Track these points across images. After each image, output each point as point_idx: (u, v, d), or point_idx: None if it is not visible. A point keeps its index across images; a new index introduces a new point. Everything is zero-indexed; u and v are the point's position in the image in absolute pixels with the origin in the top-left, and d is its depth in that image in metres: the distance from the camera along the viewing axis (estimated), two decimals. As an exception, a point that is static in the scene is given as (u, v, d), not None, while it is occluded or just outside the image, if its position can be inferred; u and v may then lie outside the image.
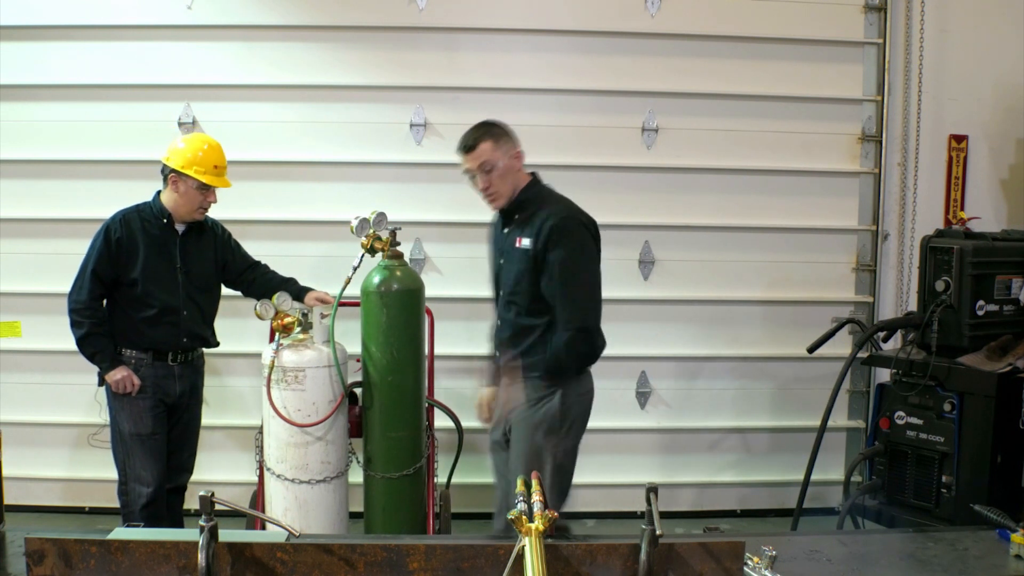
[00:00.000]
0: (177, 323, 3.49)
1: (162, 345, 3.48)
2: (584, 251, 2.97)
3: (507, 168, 3.01)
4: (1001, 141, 4.72)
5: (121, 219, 3.45)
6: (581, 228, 2.97)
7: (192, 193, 3.44)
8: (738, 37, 4.52)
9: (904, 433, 3.52)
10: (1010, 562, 2.12)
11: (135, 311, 3.45)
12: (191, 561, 1.80)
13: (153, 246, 3.45)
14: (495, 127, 3.07)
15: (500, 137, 3.03)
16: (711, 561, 1.88)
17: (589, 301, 2.98)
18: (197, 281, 3.56)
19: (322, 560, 1.86)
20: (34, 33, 4.37)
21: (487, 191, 3.03)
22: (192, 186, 3.42)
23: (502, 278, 3.11)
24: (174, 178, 3.42)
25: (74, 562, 1.83)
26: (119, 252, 3.42)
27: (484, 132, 3.04)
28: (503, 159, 3.00)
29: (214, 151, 3.47)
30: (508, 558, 1.73)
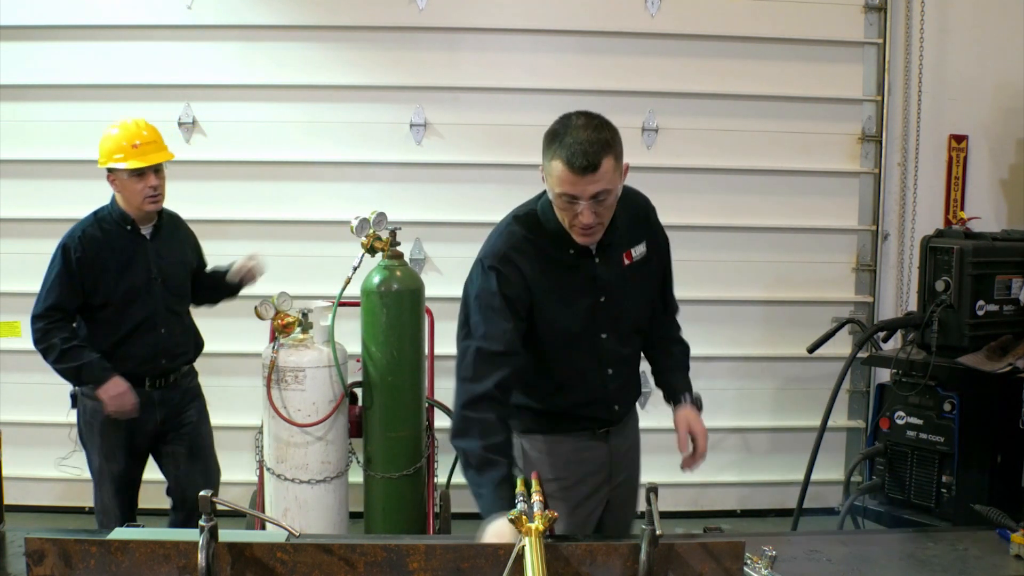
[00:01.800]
0: (155, 342, 3.15)
1: (137, 369, 3.11)
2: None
3: (613, 179, 2.17)
4: (1001, 141, 4.72)
5: (80, 235, 3.08)
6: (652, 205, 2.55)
7: (128, 184, 3.09)
8: (738, 37, 4.52)
9: (904, 433, 3.51)
10: (1010, 562, 2.12)
11: (105, 334, 3.10)
12: (191, 561, 1.80)
13: (121, 259, 3.11)
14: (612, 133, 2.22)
15: (618, 149, 2.19)
16: (711, 561, 1.88)
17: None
18: (175, 290, 3.25)
19: (322, 560, 1.85)
20: (34, 33, 4.37)
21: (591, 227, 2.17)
22: (123, 177, 3.09)
23: (604, 318, 2.35)
24: (111, 176, 3.13)
25: (74, 562, 1.83)
26: (83, 274, 3.05)
27: (605, 145, 2.15)
28: (618, 181, 2.20)
29: (127, 129, 3.13)
30: (508, 558, 1.73)
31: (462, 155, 4.47)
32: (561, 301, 2.30)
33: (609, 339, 2.40)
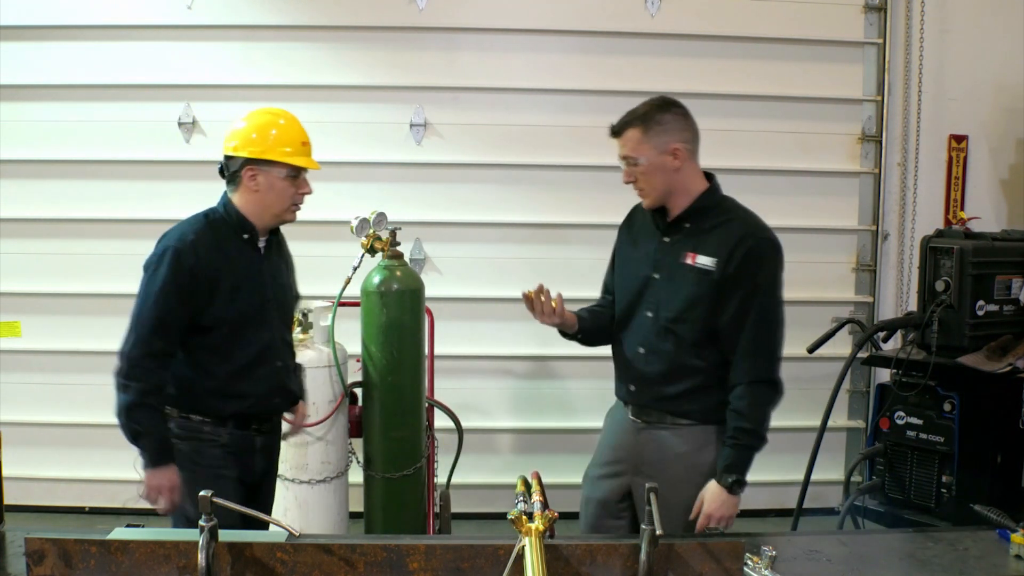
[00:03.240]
0: (272, 376, 2.65)
1: (249, 409, 2.61)
2: (779, 284, 2.47)
3: (656, 166, 2.45)
4: (1001, 141, 4.72)
5: (193, 239, 2.50)
6: (778, 255, 2.46)
7: (281, 186, 2.60)
8: (738, 37, 4.52)
9: (904, 433, 3.51)
10: (1010, 562, 2.12)
11: (218, 365, 2.54)
12: (191, 561, 1.80)
13: (237, 274, 2.56)
14: (655, 112, 2.47)
15: (654, 126, 2.46)
16: (711, 561, 1.88)
17: (779, 347, 2.45)
18: (286, 317, 2.78)
19: (322, 560, 1.85)
20: (34, 33, 4.37)
21: (633, 184, 2.52)
22: (279, 176, 2.59)
23: (653, 296, 2.51)
24: (251, 171, 2.57)
25: (74, 562, 1.83)
26: (196, 287, 2.48)
27: (636, 117, 2.48)
28: (651, 155, 2.45)
29: (294, 124, 2.71)
30: (508, 558, 1.73)
31: (462, 155, 4.47)
32: (631, 260, 2.62)
33: (650, 320, 2.51)
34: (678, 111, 2.52)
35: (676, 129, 2.49)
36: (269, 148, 2.60)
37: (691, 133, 2.54)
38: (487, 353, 4.54)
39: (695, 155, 2.56)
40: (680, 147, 2.47)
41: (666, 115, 2.48)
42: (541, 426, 4.63)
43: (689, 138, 2.53)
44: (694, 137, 2.56)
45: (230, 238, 2.58)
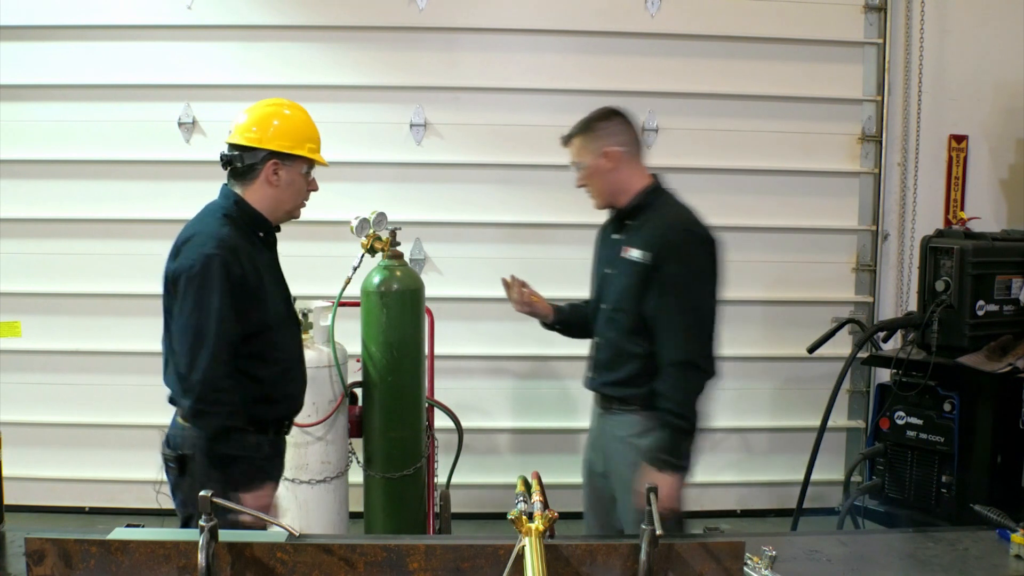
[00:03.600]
0: (303, 378, 2.63)
1: (289, 410, 2.58)
2: (696, 271, 2.56)
3: (594, 169, 2.68)
4: (1001, 141, 4.72)
5: (232, 245, 2.38)
6: (698, 243, 2.59)
7: (299, 182, 2.56)
8: (738, 37, 4.52)
9: (904, 433, 3.52)
10: (1010, 562, 2.12)
11: (260, 369, 2.45)
12: (191, 561, 1.80)
13: (267, 274, 2.50)
14: (594, 120, 2.71)
15: (590, 134, 2.69)
16: (711, 561, 1.88)
17: (702, 331, 2.55)
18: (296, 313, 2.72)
19: (322, 560, 1.85)
20: (34, 33, 4.37)
21: (582, 187, 2.75)
22: (300, 172, 2.56)
23: (605, 290, 2.73)
24: (274, 166, 2.49)
25: (74, 562, 1.83)
26: (245, 294, 2.38)
27: (580, 126, 2.72)
28: (589, 159, 2.68)
29: (310, 119, 2.68)
30: (508, 558, 1.73)
31: (462, 155, 4.47)
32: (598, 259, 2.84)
33: (603, 311, 2.72)
34: (616, 119, 2.73)
35: (610, 134, 2.69)
36: (297, 143, 2.55)
37: (627, 137, 2.72)
38: (487, 353, 4.54)
39: (634, 157, 2.73)
40: (613, 150, 2.67)
41: (603, 123, 2.71)
42: (541, 426, 4.63)
43: (624, 141, 2.71)
44: (631, 141, 2.73)
45: (250, 235, 2.48)
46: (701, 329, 2.55)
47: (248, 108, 2.59)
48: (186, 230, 2.45)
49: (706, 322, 2.56)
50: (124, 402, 4.45)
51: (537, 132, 4.45)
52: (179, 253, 2.38)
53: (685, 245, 2.57)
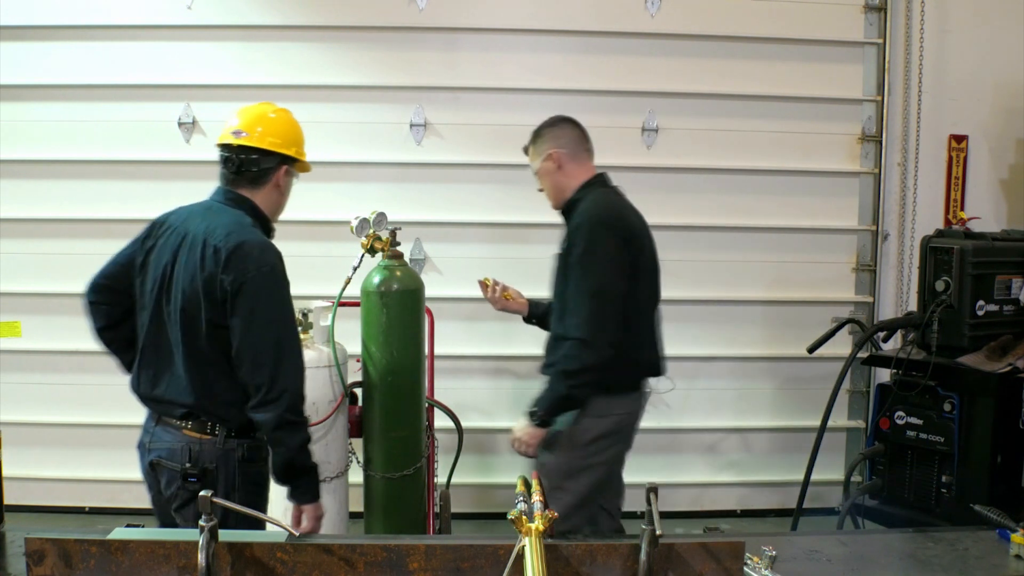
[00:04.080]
0: None
1: None
2: (595, 254, 2.70)
3: (543, 171, 2.98)
4: (1001, 141, 4.72)
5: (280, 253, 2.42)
6: (601, 228, 2.73)
7: (289, 186, 2.61)
8: (738, 37, 4.52)
9: (904, 433, 3.51)
10: (1010, 562, 2.12)
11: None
12: (191, 561, 1.80)
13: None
14: (541, 128, 3.01)
15: (538, 138, 3.00)
16: (711, 561, 1.88)
17: (592, 310, 2.68)
18: None
19: (322, 560, 1.86)
20: (34, 33, 4.37)
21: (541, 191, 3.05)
22: (294, 176, 2.60)
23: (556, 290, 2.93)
24: (286, 171, 2.55)
25: (74, 562, 1.83)
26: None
27: (532, 135, 3.02)
28: (537, 162, 2.99)
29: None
30: (508, 558, 1.73)
31: (462, 155, 4.47)
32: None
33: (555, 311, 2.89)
34: (560, 125, 3.00)
35: (553, 138, 2.96)
36: (302, 150, 2.58)
37: (567, 140, 2.97)
38: (487, 353, 4.54)
39: (575, 159, 2.97)
40: (554, 152, 2.94)
41: (547, 129, 2.99)
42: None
43: (564, 144, 2.96)
44: (573, 143, 2.97)
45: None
46: (601, 310, 2.68)
47: (246, 111, 2.58)
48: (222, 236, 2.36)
49: (606, 304, 2.69)
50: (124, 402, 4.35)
51: (537, 132, 4.45)
52: (229, 263, 2.31)
53: (590, 232, 2.73)
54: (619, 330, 2.71)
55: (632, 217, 2.89)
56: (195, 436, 2.38)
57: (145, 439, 2.48)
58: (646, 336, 2.88)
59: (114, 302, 2.54)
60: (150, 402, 2.48)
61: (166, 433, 2.42)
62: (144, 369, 2.47)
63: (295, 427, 2.35)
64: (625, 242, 2.76)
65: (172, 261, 2.41)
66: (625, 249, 2.75)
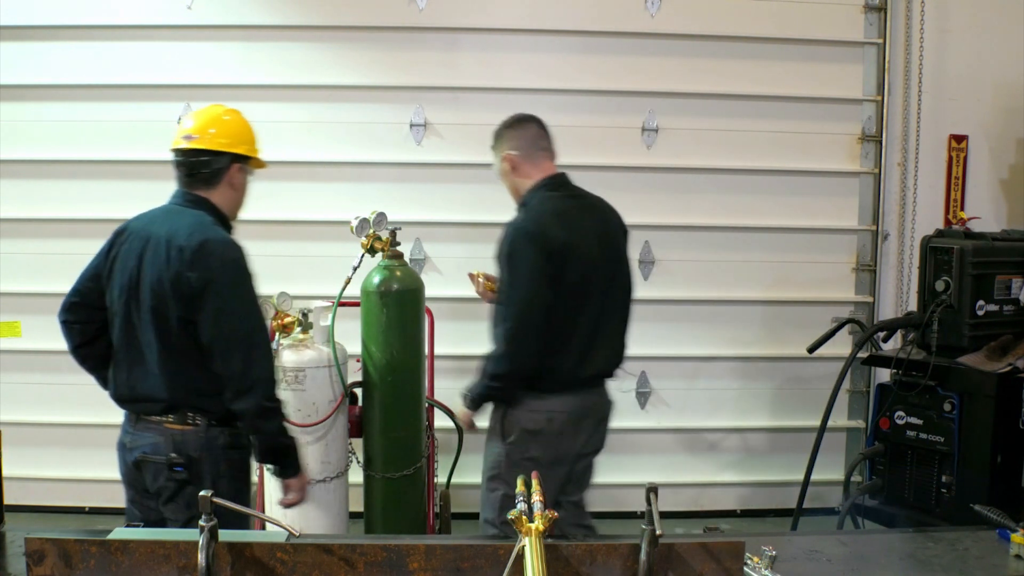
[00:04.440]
0: None
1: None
2: (517, 266, 2.76)
3: (500, 171, 3.02)
4: (1001, 141, 4.72)
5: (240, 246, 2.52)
6: (523, 239, 2.78)
7: (247, 185, 2.67)
8: (738, 37, 4.52)
9: (904, 433, 3.51)
10: (1010, 562, 2.12)
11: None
12: (191, 561, 1.80)
13: None
14: (500, 128, 3.03)
15: (497, 139, 3.02)
16: (711, 561, 1.88)
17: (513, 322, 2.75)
18: None
19: (322, 560, 1.86)
20: (34, 33, 4.37)
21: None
22: (250, 174, 2.67)
23: None
24: (238, 170, 2.61)
25: (74, 562, 1.83)
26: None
27: (493, 135, 3.04)
28: (496, 163, 3.03)
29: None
30: (508, 558, 1.73)
31: (462, 155, 4.47)
32: None
33: None
34: (518, 125, 3.01)
35: (507, 139, 2.98)
36: (254, 147, 2.65)
37: (522, 141, 2.98)
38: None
39: (530, 160, 2.97)
40: (510, 154, 2.96)
41: (504, 130, 3.01)
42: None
43: (519, 146, 2.97)
44: (526, 144, 2.97)
45: None
46: (522, 323, 2.75)
47: (197, 114, 2.64)
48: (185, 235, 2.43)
49: (528, 316, 2.75)
50: (124, 402, 4.44)
51: (537, 132, 4.45)
52: (195, 261, 2.39)
53: (511, 243, 2.79)
54: (540, 340, 2.77)
55: (563, 227, 2.83)
56: (177, 428, 2.45)
57: (125, 439, 2.55)
58: (570, 346, 2.85)
59: (87, 319, 2.62)
60: (128, 403, 2.55)
61: (147, 430, 2.49)
62: (119, 371, 2.54)
63: (273, 413, 2.47)
64: (548, 256, 2.76)
65: (138, 265, 2.48)
66: (547, 262, 2.76)
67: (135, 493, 2.59)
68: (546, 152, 3.02)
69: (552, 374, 2.85)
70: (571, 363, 2.86)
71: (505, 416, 2.89)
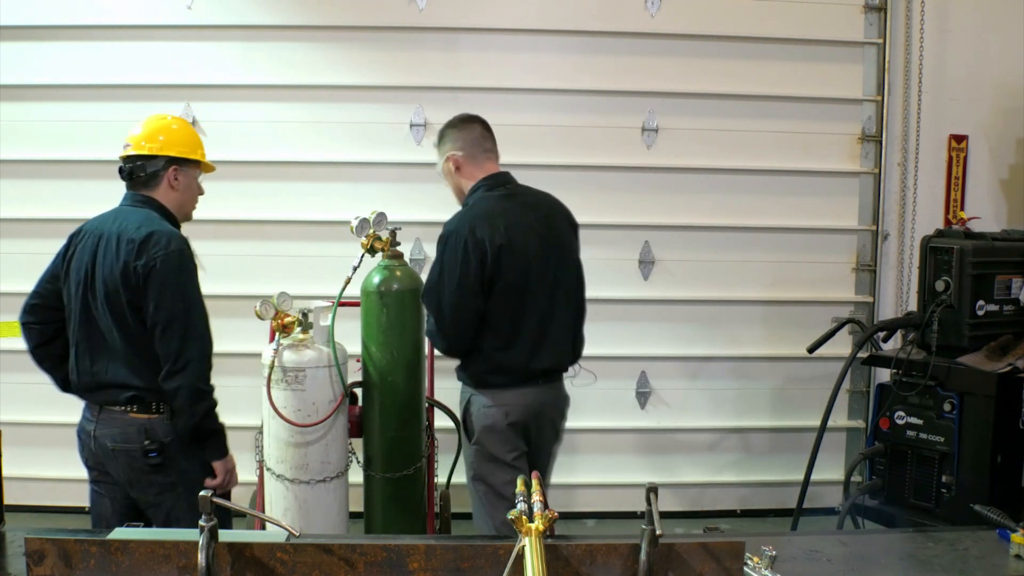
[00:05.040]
0: None
1: None
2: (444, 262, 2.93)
3: (444, 171, 3.11)
4: (1001, 141, 4.72)
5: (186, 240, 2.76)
6: (452, 237, 2.92)
7: (194, 185, 2.89)
8: (738, 37, 4.52)
9: (904, 433, 3.51)
10: (1010, 562, 2.12)
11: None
12: (191, 561, 1.80)
13: None
14: (443, 129, 3.12)
15: (440, 139, 3.12)
16: (711, 561, 1.88)
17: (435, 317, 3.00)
18: None
19: (322, 560, 1.86)
20: (34, 33, 4.37)
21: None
22: (194, 176, 2.88)
23: None
24: (175, 171, 2.82)
25: (74, 562, 1.83)
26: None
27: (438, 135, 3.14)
28: (440, 163, 3.12)
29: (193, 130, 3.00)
30: (508, 558, 1.73)
31: (462, 155, 4.47)
32: None
33: None
34: (461, 126, 3.08)
35: (451, 140, 3.07)
36: (191, 149, 2.84)
37: (465, 142, 3.06)
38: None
39: (472, 161, 3.06)
40: (453, 155, 3.05)
41: (449, 130, 3.09)
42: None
43: (462, 146, 3.06)
44: (469, 145, 3.06)
45: None
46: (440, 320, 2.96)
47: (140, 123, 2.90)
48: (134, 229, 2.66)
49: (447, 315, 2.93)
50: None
51: (537, 132, 4.45)
52: (141, 251, 2.61)
53: (443, 244, 2.94)
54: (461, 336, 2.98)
55: (495, 228, 2.90)
56: (143, 417, 2.68)
57: (89, 427, 2.78)
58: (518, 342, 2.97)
59: (46, 320, 2.84)
60: (92, 392, 2.75)
61: (112, 419, 2.71)
62: (81, 361, 2.74)
63: (203, 395, 2.68)
64: (480, 258, 2.88)
65: (91, 261, 2.69)
66: (479, 265, 2.88)
67: (97, 475, 2.84)
68: (490, 153, 3.11)
69: (503, 370, 2.98)
70: (521, 358, 2.98)
71: (466, 418, 3.07)
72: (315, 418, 3.24)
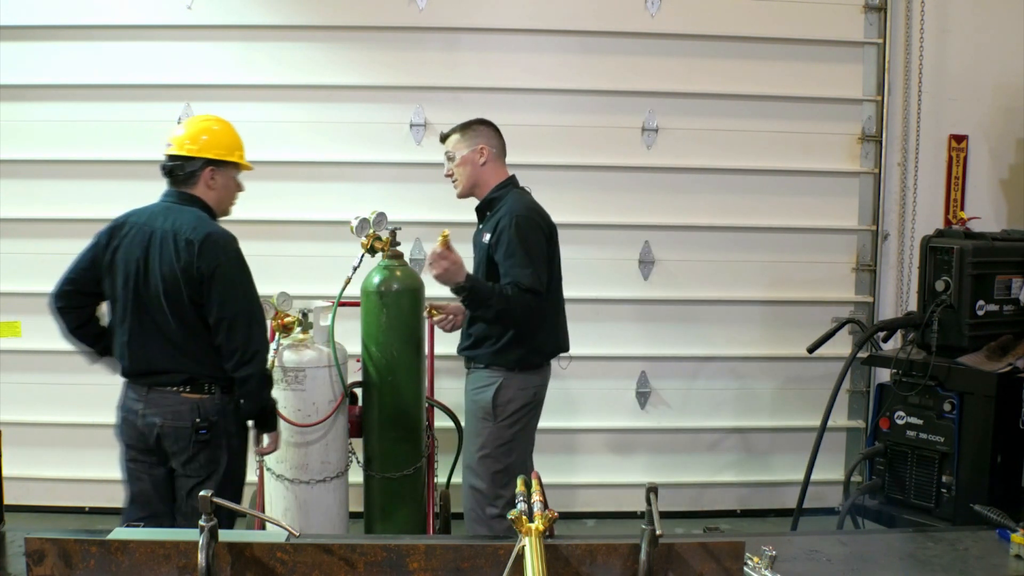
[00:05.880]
0: None
1: None
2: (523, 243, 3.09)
3: (466, 160, 3.26)
4: (1001, 141, 4.72)
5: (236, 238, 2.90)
6: (524, 218, 3.14)
7: (233, 185, 3.02)
8: (738, 37, 4.52)
9: (904, 433, 3.51)
10: (1010, 562, 2.12)
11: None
12: (191, 561, 1.80)
13: None
14: (473, 123, 3.33)
15: (468, 131, 3.30)
16: (711, 561, 1.88)
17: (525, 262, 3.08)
18: None
19: (322, 560, 1.86)
20: (34, 33, 4.37)
21: (448, 176, 3.35)
22: (233, 176, 3.00)
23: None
24: (212, 171, 2.91)
25: (74, 562, 1.83)
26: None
27: (459, 126, 3.32)
28: (464, 150, 3.27)
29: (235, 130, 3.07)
30: (508, 558, 1.73)
31: (462, 155, 4.47)
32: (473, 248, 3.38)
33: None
34: (491, 126, 3.34)
35: (485, 136, 3.30)
36: (228, 151, 2.96)
37: (497, 141, 3.34)
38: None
39: (499, 158, 3.33)
40: (485, 147, 3.27)
41: (480, 127, 3.32)
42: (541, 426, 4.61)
43: (495, 144, 3.32)
44: (499, 145, 3.34)
45: None
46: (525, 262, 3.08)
47: (184, 123, 3.04)
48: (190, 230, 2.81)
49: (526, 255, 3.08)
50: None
51: (537, 132, 4.45)
52: (202, 252, 2.77)
53: (511, 227, 3.10)
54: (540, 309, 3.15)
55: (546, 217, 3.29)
56: (196, 397, 2.83)
57: (136, 406, 2.86)
58: (548, 323, 3.25)
59: (81, 304, 2.94)
60: (143, 376, 2.86)
61: (163, 399, 2.83)
62: (133, 348, 2.86)
63: (269, 380, 2.95)
64: (547, 239, 3.21)
65: (143, 255, 2.81)
66: (546, 244, 3.20)
67: (136, 453, 2.91)
68: (504, 158, 3.39)
69: (538, 350, 3.25)
70: (552, 339, 3.29)
71: (498, 395, 3.18)
72: (315, 418, 3.25)
